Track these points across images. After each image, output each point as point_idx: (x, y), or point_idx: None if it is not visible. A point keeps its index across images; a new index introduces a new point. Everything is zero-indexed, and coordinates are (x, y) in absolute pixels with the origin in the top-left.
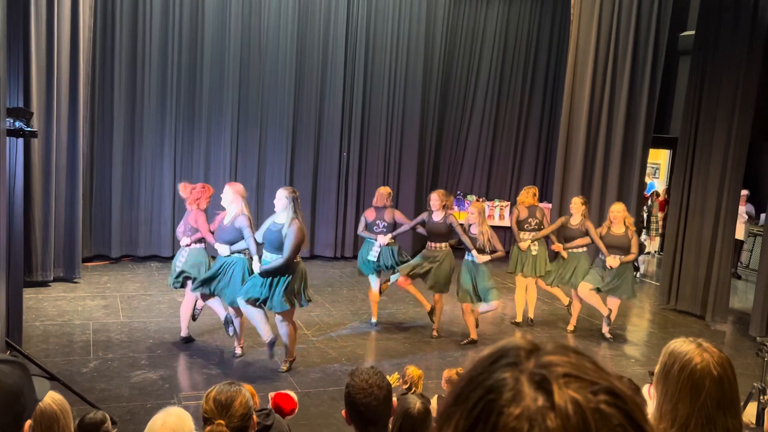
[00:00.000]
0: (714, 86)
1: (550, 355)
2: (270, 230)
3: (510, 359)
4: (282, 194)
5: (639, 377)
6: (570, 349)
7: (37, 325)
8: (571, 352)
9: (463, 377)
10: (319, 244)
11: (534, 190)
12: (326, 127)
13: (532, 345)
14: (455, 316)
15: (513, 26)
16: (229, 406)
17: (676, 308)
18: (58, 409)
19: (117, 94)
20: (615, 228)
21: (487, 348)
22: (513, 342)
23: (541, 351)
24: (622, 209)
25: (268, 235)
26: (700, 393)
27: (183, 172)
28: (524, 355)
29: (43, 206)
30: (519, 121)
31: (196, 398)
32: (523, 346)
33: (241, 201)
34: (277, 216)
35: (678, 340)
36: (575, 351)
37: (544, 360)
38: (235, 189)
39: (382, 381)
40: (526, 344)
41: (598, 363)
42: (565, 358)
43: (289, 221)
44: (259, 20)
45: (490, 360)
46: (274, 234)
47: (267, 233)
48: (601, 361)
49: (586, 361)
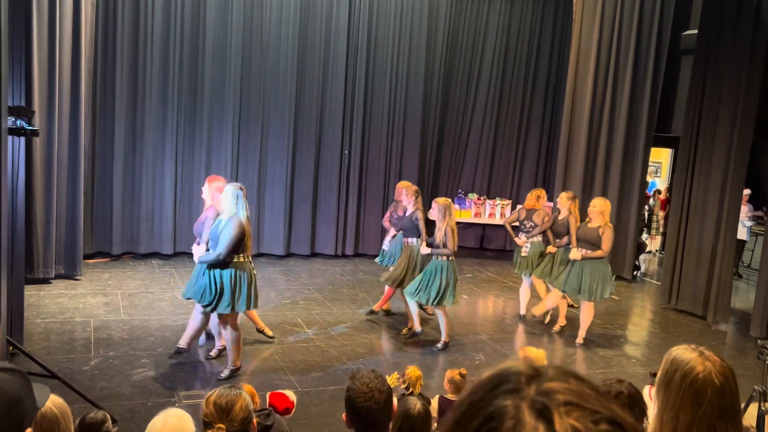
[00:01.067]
0: (716, 85)
1: (552, 382)
2: (215, 227)
3: (511, 385)
4: (227, 189)
5: (639, 377)
6: (571, 374)
7: (39, 322)
8: (573, 379)
9: (464, 402)
10: (319, 242)
11: (538, 193)
12: (327, 125)
13: (533, 370)
14: (455, 315)
15: (515, 24)
16: (230, 410)
17: (677, 308)
18: (58, 413)
19: (118, 91)
20: (592, 223)
21: (487, 370)
22: (513, 367)
23: (542, 377)
24: (599, 204)
25: (213, 232)
26: (702, 402)
27: (184, 169)
28: (525, 381)
29: (45, 203)
30: (521, 119)
31: (197, 397)
32: (523, 371)
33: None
34: (223, 213)
35: (680, 347)
36: (577, 377)
37: (545, 387)
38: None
39: (382, 385)
40: (527, 369)
41: (599, 390)
42: (566, 385)
43: (228, 216)
44: (260, 17)
45: (491, 385)
46: (215, 231)
47: (212, 230)
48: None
49: (587, 387)
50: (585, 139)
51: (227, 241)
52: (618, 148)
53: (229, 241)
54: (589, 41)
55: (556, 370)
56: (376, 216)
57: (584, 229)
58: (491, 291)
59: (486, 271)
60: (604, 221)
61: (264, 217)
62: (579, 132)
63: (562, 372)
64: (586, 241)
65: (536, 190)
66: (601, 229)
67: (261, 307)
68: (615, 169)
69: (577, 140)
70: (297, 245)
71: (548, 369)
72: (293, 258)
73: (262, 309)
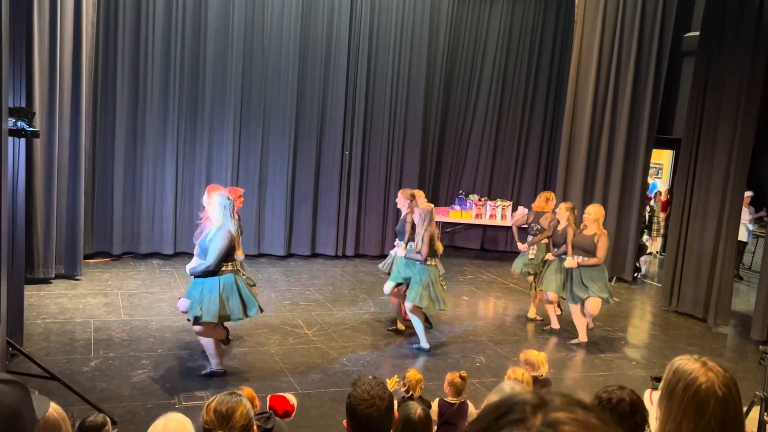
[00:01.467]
0: (718, 87)
1: (558, 412)
2: (204, 237)
3: (516, 415)
4: (215, 199)
5: (640, 380)
6: (578, 403)
7: (39, 323)
8: (579, 408)
9: (470, 430)
10: (320, 243)
11: (547, 195)
12: (329, 126)
13: (539, 399)
14: (456, 317)
15: (516, 25)
16: (230, 417)
17: (678, 310)
18: (59, 418)
19: (120, 91)
20: (587, 230)
21: (492, 396)
22: (519, 395)
23: (548, 406)
24: (593, 211)
25: (202, 242)
26: (705, 412)
27: (185, 169)
28: (531, 411)
29: (45, 203)
30: (522, 120)
31: (197, 399)
32: (529, 400)
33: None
34: (212, 223)
35: (682, 357)
36: (583, 406)
37: (551, 417)
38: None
39: (383, 392)
40: (533, 398)
41: (605, 419)
42: (572, 415)
43: (218, 225)
44: (262, 18)
45: (496, 414)
46: (204, 241)
47: (201, 241)
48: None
49: (593, 417)
50: (586, 141)
51: (216, 252)
52: (619, 150)
53: (218, 252)
54: (590, 42)
55: (562, 399)
56: (376, 217)
57: (579, 236)
58: (492, 292)
59: (487, 273)
60: (598, 228)
61: (265, 218)
62: (580, 133)
63: (569, 401)
64: (581, 249)
65: (545, 193)
66: (596, 236)
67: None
68: (616, 171)
69: (579, 141)
70: (298, 246)
71: (554, 398)
72: (294, 258)
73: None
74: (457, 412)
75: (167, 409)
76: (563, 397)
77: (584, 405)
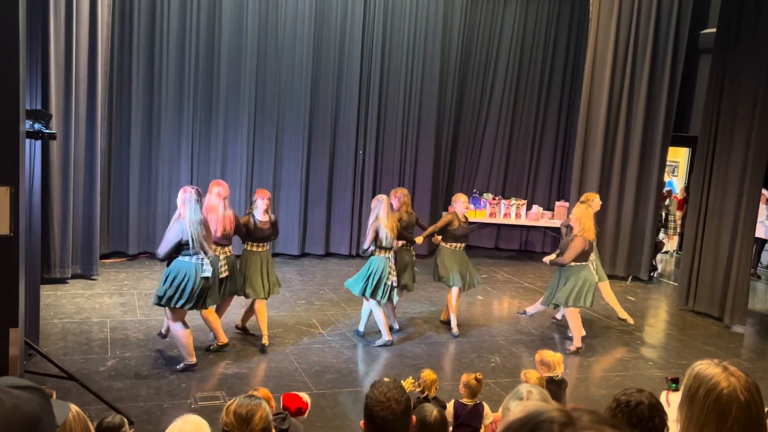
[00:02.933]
0: (735, 84)
1: (586, 431)
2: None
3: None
4: (180, 193)
5: (657, 380)
6: (606, 422)
7: (56, 322)
8: (607, 427)
9: None
10: (334, 242)
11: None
12: (342, 126)
13: (567, 417)
14: (471, 316)
15: (531, 23)
16: (249, 420)
17: (694, 309)
18: (86, 417)
19: (135, 92)
20: (573, 230)
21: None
22: (545, 413)
23: (576, 425)
24: (575, 211)
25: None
26: (727, 418)
27: (200, 169)
28: (558, 430)
29: (62, 204)
30: (536, 119)
31: (213, 399)
32: (556, 418)
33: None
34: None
35: (703, 362)
36: (612, 425)
37: None
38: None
39: (400, 395)
40: (560, 416)
41: None
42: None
43: (176, 216)
44: (275, 19)
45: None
46: None
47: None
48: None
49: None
50: (601, 139)
51: (164, 241)
52: (635, 148)
53: (165, 241)
54: (605, 40)
55: (590, 416)
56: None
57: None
58: (506, 292)
59: (501, 272)
60: (578, 228)
61: (279, 218)
62: (595, 131)
63: (597, 419)
64: (563, 248)
65: (588, 194)
66: (573, 237)
67: (276, 307)
68: (632, 169)
69: (594, 139)
70: (312, 245)
71: (582, 415)
72: (308, 258)
73: (277, 309)
74: (472, 414)
75: (183, 409)
76: (590, 415)
77: (612, 423)
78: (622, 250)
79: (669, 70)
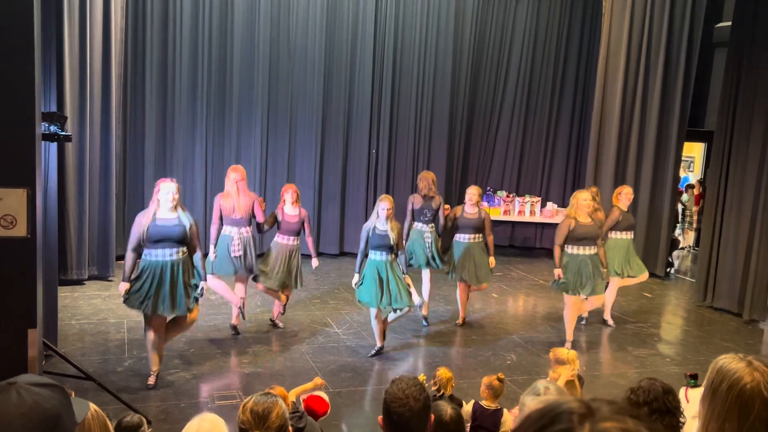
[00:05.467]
0: (751, 78)
1: (606, 422)
2: None
3: (563, 425)
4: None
5: (674, 377)
6: (627, 412)
7: (73, 323)
8: (629, 418)
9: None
10: (348, 241)
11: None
12: (355, 124)
13: (586, 408)
14: (487, 314)
15: (543, 20)
16: (266, 418)
17: (713, 305)
18: (105, 416)
19: (148, 94)
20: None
21: (527, 398)
22: (564, 404)
23: (596, 416)
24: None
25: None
26: (750, 413)
27: (214, 170)
28: (578, 421)
29: (78, 206)
30: (550, 115)
31: (230, 398)
32: (576, 409)
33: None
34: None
35: (727, 356)
36: (633, 415)
37: (599, 428)
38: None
39: (419, 393)
40: (579, 407)
41: (655, 428)
42: (621, 425)
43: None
44: (288, 18)
45: (540, 424)
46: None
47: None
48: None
49: (643, 427)
50: (616, 135)
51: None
52: (650, 144)
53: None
54: (619, 34)
55: (610, 407)
56: (404, 215)
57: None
58: (521, 289)
59: (516, 269)
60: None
61: None
62: (610, 127)
63: (617, 409)
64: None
65: (621, 187)
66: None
67: (291, 306)
68: (647, 165)
69: (608, 135)
70: (326, 244)
71: (602, 406)
72: (322, 257)
73: (292, 309)
74: (491, 418)
75: (200, 409)
76: (611, 405)
77: (633, 413)
78: (638, 247)
79: (684, 65)
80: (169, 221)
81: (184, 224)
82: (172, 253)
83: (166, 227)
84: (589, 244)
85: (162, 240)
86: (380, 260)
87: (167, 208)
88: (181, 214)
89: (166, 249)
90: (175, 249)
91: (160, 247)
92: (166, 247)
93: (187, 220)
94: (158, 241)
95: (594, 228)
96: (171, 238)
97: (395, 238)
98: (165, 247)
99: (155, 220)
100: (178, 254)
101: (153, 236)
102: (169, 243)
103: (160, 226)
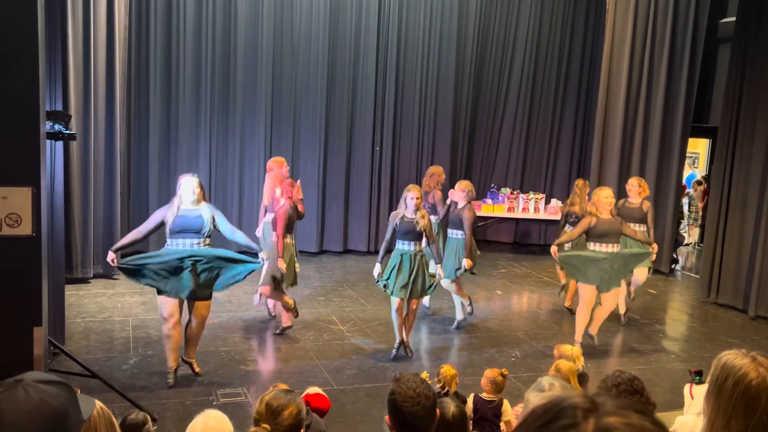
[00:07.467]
0: (756, 74)
1: (611, 417)
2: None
3: (567, 420)
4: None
5: (679, 374)
6: (631, 407)
7: (78, 321)
8: (633, 413)
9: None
10: (352, 239)
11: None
12: (359, 122)
13: (591, 403)
14: (490, 311)
15: (547, 15)
16: (278, 414)
17: (717, 302)
18: (110, 413)
19: (152, 93)
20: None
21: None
22: (568, 399)
23: (600, 411)
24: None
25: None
26: (756, 410)
27: (218, 168)
28: (582, 416)
29: (82, 204)
30: (553, 112)
31: (234, 395)
32: (580, 404)
33: None
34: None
35: (731, 352)
36: (636, 410)
37: (604, 423)
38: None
39: (428, 390)
40: (584, 402)
41: (660, 422)
42: (625, 420)
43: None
44: (291, 16)
45: (544, 420)
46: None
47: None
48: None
49: (648, 422)
50: (620, 131)
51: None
52: (654, 140)
53: None
54: (623, 31)
55: (614, 402)
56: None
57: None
58: (526, 286)
59: (520, 266)
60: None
61: None
62: (614, 124)
63: (622, 405)
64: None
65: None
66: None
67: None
68: (651, 161)
69: (612, 132)
70: (330, 242)
71: (606, 401)
72: (326, 255)
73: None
74: (492, 410)
75: (205, 406)
76: (615, 400)
77: (638, 408)
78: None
79: (688, 61)
80: (191, 212)
81: (206, 216)
82: (193, 243)
83: (187, 218)
84: (611, 241)
85: (183, 231)
86: (407, 250)
87: (189, 201)
88: (205, 206)
89: (187, 239)
90: (196, 240)
91: (180, 237)
92: (187, 237)
93: (209, 212)
94: (180, 231)
95: (616, 224)
96: (192, 229)
97: (425, 225)
98: (186, 237)
99: (179, 212)
100: (200, 245)
101: (175, 227)
102: (191, 234)
103: (182, 217)
